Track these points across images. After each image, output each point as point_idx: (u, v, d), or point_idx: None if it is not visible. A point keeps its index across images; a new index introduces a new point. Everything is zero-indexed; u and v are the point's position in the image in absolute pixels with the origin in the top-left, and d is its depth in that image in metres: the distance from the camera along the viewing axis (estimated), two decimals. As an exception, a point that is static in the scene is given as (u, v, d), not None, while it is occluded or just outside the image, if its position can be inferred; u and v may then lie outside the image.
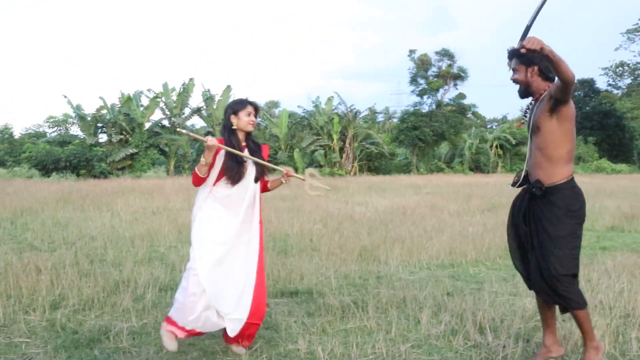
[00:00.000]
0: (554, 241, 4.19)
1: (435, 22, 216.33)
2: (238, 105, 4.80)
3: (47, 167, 36.26)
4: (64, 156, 36.24)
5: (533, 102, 4.42)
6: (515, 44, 4.12)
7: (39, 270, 7.27)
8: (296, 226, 11.54)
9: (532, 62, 4.25)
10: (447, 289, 6.83)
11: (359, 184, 28.46)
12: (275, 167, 4.99)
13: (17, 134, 42.50)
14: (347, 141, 45.65)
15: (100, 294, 6.43)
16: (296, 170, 41.74)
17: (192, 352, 4.81)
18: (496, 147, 53.80)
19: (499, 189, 23.94)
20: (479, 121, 60.91)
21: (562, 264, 4.17)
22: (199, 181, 4.61)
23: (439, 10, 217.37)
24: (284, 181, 5.04)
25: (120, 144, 38.98)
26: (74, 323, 5.53)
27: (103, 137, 40.56)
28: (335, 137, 44.90)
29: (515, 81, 4.41)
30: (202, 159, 4.48)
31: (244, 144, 4.83)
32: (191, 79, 41.65)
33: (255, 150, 4.86)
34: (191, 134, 4.92)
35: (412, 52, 52.56)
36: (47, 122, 41.80)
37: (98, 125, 40.19)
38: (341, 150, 45.78)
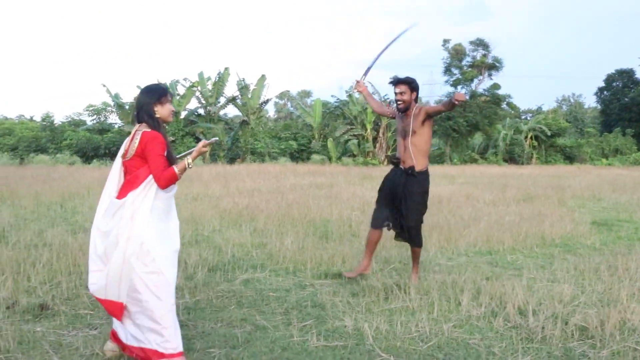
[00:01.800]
0: (415, 205, 6.56)
1: (469, 11, 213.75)
2: (162, 93, 4.41)
3: (87, 154, 36.91)
4: (103, 144, 36.84)
5: (400, 114, 6.70)
6: (398, 74, 6.76)
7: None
8: (335, 213, 11.80)
9: (414, 89, 6.59)
10: (485, 274, 7.05)
11: (393, 173, 28.52)
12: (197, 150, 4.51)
13: (57, 122, 43.09)
14: (381, 131, 45.64)
15: (153, 272, 6.75)
16: (330, 159, 42.00)
17: (246, 326, 5.11)
18: (531, 138, 53.33)
19: (535, 180, 23.95)
20: (513, 112, 60.37)
21: (417, 219, 6.62)
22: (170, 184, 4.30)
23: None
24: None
25: (157, 132, 39.42)
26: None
27: (141, 125, 41.03)
28: (368, 126, 44.92)
29: (402, 100, 6.56)
30: (191, 164, 4.33)
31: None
32: (226, 68, 41.96)
33: None
34: (187, 153, 4.46)
35: (446, 41, 52.39)
36: (87, 110, 42.35)
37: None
38: (374, 139, 45.82)
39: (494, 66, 51.57)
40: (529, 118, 64.38)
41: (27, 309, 5.42)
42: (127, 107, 39.96)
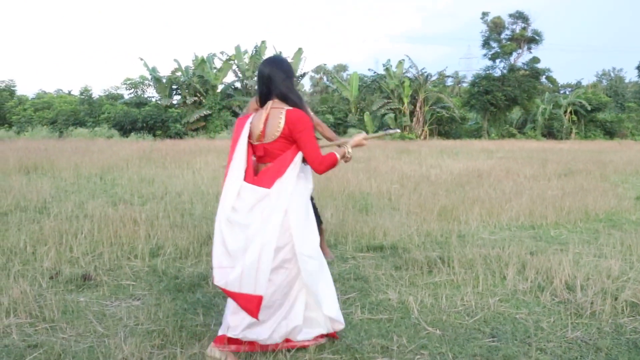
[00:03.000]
0: None
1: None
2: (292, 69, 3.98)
3: (125, 127, 37.25)
4: (141, 117, 37.15)
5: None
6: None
7: (135, 222, 7.66)
8: (374, 186, 11.70)
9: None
10: (529, 249, 6.90)
11: (430, 147, 28.37)
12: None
13: (95, 96, 43.57)
14: (418, 105, 45.33)
15: (193, 244, 6.74)
16: (367, 133, 41.74)
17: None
18: (570, 113, 52.48)
19: (575, 155, 23.60)
20: (552, 86, 59.32)
21: None
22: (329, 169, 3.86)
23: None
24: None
25: (194, 106, 39.68)
26: (173, 269, 5.86)
27: (177, 99, 41.34)
28: (405, 100, 44.62)
29: None
30: (350, 152, 4.05)
31: None
32: (263, 42, 41.97)
33: None
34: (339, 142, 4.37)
35: (485, 14, 51.50)
36: (125, 84, 42.67)
37: (173, 87, 40.97)
38: (411, 113, 45.52)
39: (533, 39, 50.55)
40: (567, 92, 63.19)
41: (70, 279, 5.44)
42: (164, 80, 40.14)
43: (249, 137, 3.86)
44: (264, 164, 3.85)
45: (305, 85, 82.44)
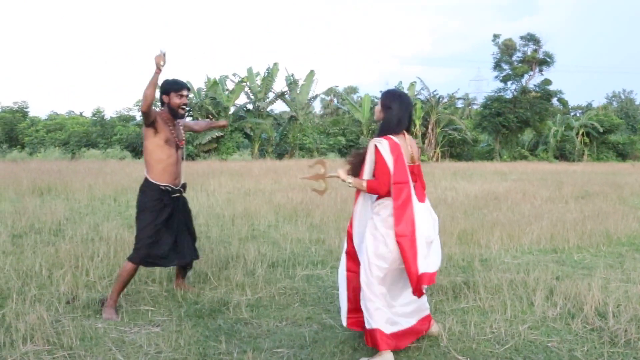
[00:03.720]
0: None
1: (516, 6, 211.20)
2: None
3: (137, 148, 37.27)
4: (153, 139, 37.14)
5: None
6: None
7: (151, 245, 7.53)
8: (391, 209, 11.54)
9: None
10: (555, 273, 6.74)
11: (443, 169, 28.21)
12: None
13: (107, 117, 43.74)
14: (430, 127, 45.25)
15: (212, 268, 6.62)
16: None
17: (312, 325, 4.92)
18: (582, 134, 52.24)
19: (589, 177, 23.39)
20: (563, 108, 59.07)
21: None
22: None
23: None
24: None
25: (206, 127, 39.61)
26: (192, 294, 5.73)
27: (190, 121, 41.31)
28: (417, 122, 44.51)
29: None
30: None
31: None
32: (275, 64, 41.99)
33: None
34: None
35: (496, 37, 51.42)
36: (137, 105, 42.80)
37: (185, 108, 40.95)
38: (423, 136, 45.43)
39: (544, 61, 50.36)
40: (578, 114, 63.02)
41: (87, 304, 5.33)
42: (176, 102, 40.18)
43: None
44: (413, 183, 4.36)
45: (316, 107, 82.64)
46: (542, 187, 17.69)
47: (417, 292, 4.22)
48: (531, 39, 50.58)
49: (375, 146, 4.24)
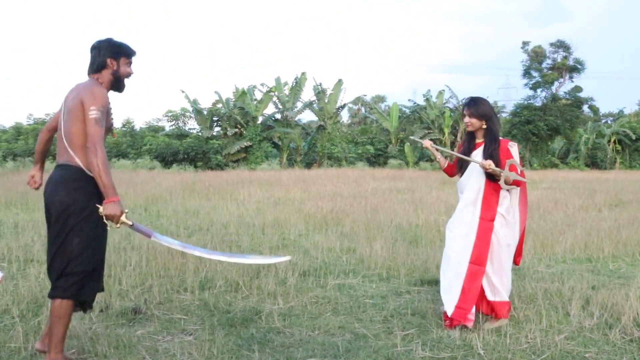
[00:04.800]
0: None
1: (545, 13, 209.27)
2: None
3: (166, 159, 37.59)
4: (182, 149, 37.47)
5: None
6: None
7: (183, 254, 7.55)
8: (421, 217, 11.50)
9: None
10: (590, 283, 6.64)
11: (473, 178, 27.89)
12: (468, 158, 5.27)
13: (137, 128, 44.18)
14: (459, 135, 45.05)
15: (243, 277, 6.61)
16: (407, 164, 41.54)
17: (345, 334, 4.89)
18: (614, 142, 51.67)
19: (622, 185, 23.11)
20: (593, 115, 58.38)
21: None
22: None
23: (548, 0, 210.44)
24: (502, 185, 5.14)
25: (235, 137, 39.85)
26: (223, 303, 5.72)
27: (218, 131, 41.61)
28: (446, 130, 44.43)
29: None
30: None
31: (480, 140, 5.31)
32: (303, 73, 42.11)
33: (485, 145, 5.26)
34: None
35: (525, 44, 51.03)
36: (166, 116, 43.13)
37: (214, 118, 41.25)
38: (452, 144, 45.23)
39: (575, 68, 49.85)
40: (609, 121, 62.25)
41: (121, 313, 5.34)
42: (205, 112, 40.52)
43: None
44: None
45: (344, 116, 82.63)
46: (574, 195, 17.48)
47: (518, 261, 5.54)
48: (561, 45, 50.10)
49: (510, 147, 5.20)
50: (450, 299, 5.00)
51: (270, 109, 42.44)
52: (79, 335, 4.60)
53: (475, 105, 5.18)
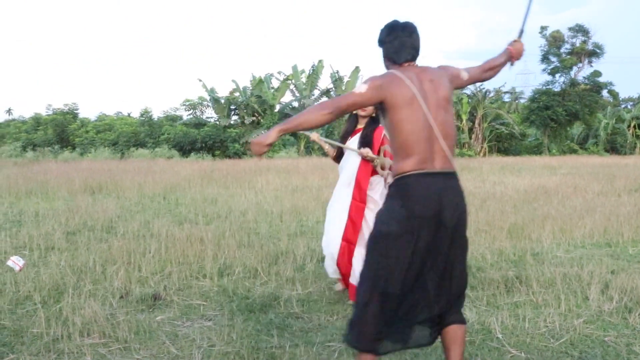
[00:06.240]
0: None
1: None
2: None
3: (184, 148, 37.75)
4: (200, 137, 37.61)
5: None
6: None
7: (201, 241, 7.61)
8: (440, 204, 11.46)
9: (380, 44, 3.49)
10: (609, 268, 6.60)
11: (491, 164, 27.87)
12: (350, 147, 5.34)
13: (155, 117, 44.31)
14: (477, 121, 44.85)
15: (262, 263, 6.65)
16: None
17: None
18: (634, 127, 51.18)
19: (643, 170, 22.90)
20: (613, 100, 57.84)
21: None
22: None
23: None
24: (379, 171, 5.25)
25: (252, 126, 39.91)
26: (242, 289, 5.76)
27: (236, 119, 41.69)
28: (464, 117, 44.20)
29: None
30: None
31: (362, 126, 5.39)
32: (320, 61, 42.04)
33: (364, 131, 5.37)
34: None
35: (543, 28, 50.58)
36: (184, 105, 43.22)
37: (231, 107, 41.33)
38: (470, 130, 45.04)
39: (594, 53, 49.34)
40: (629, 106, 61.67)
41: (141, 299, 5.39)
42: (222, 101, 40.59)
43: None
44: None
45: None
46: (593, 180, 17.34)
47: None
48: (580, 30, 49.63)
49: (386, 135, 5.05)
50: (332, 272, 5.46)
51: (287, 97, 42.50)
52: (100, 320, 4.64)
53: None
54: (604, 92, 51.67)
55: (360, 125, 5.42)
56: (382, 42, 3.44)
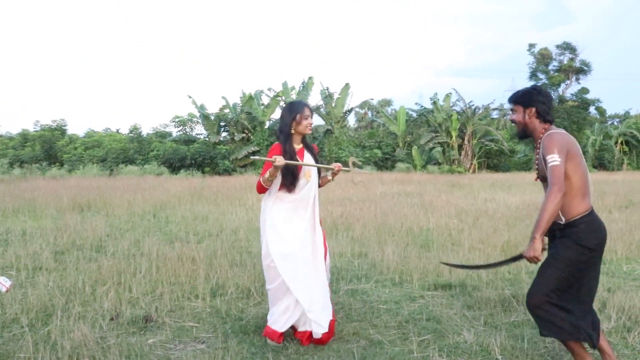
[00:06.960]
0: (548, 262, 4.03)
1: (550, 15, 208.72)
2: (297, 109, 4.84)
3: (173, 164, 37.57)
4: (190, 154, 37.48)
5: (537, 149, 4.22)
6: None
7: (193, 260, 7.51)
8: (432, 221, 11.42)
9: (530, 104, 4.12)
10: (605, 285, 6.55)
11: (481, 181, 27.89)
12: (327, 166, 5.00)
13: (144, 133, 44.12)
14: (466, 138, 44.88)
15: (255, 283, 6.55)
16: (415, 167, 41.42)
17: (360, 340, 4.81)
18: (621, 143, 51.46)
19: (631, 186, 22.95)
20: (600, 117, 58.18)
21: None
22: (262, 190, 4.78)
23: (553, 2, 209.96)
24: (330, 178, 5.10)
25: (242, 142, 39.80)
26: (236, 310, 5.66)
27: (225, 136, 41.59)
28: (454, 134, 44.21)
29: (513, 121, 4.31)
30: (268, 175, 4.62)
31: (300, 146, 4.91)
32: (310, 78, 42.04)
33: (311, 150, 5.00)
34: (260, 157, 4.74)
35: (531, 46, 50.96)
36: (173, 121, 43.08)
37: (221, 124, 41.23)
38: (460, 147, 45.07)
39: (581, 70, 49.72)
40: (616, 123, 62.02)
41: (131, 321, 5.28)
42: (212, 117, 40.53)
43: None
44: None
45: (350, 120, 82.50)
46: (584, 197, 17.29)
47: None
48: (567, 47, 50.04)
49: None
50: (327, 315, 4.76)
51: (277, 114, 42.38)
52: (90, 344, 4.52)
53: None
54: (592, 109, 52.02)
55: (297, 144, 4.92)
56: (532, 102, 4.10)
